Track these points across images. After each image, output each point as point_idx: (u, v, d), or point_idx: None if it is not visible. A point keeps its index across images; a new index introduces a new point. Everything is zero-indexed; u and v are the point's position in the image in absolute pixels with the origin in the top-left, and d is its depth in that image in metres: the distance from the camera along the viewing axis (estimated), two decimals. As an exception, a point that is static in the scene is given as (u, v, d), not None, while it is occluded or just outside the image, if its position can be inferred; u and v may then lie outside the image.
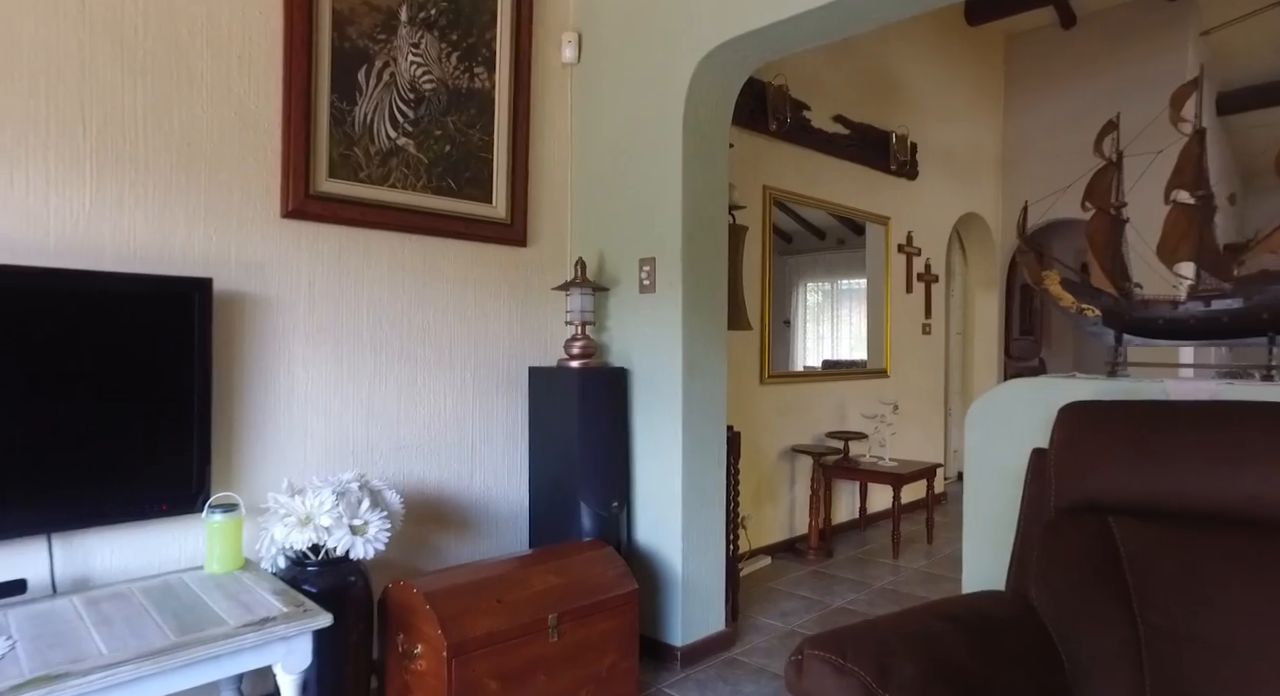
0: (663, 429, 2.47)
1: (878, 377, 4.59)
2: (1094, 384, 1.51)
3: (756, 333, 3.71)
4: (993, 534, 1.61)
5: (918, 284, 4.93)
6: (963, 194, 5.40)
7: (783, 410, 3.89)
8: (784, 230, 4.03)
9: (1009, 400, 1.69)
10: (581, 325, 2.55)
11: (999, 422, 1.62)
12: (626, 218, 2.60)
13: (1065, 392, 1.50)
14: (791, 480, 3.98)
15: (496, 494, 2.57)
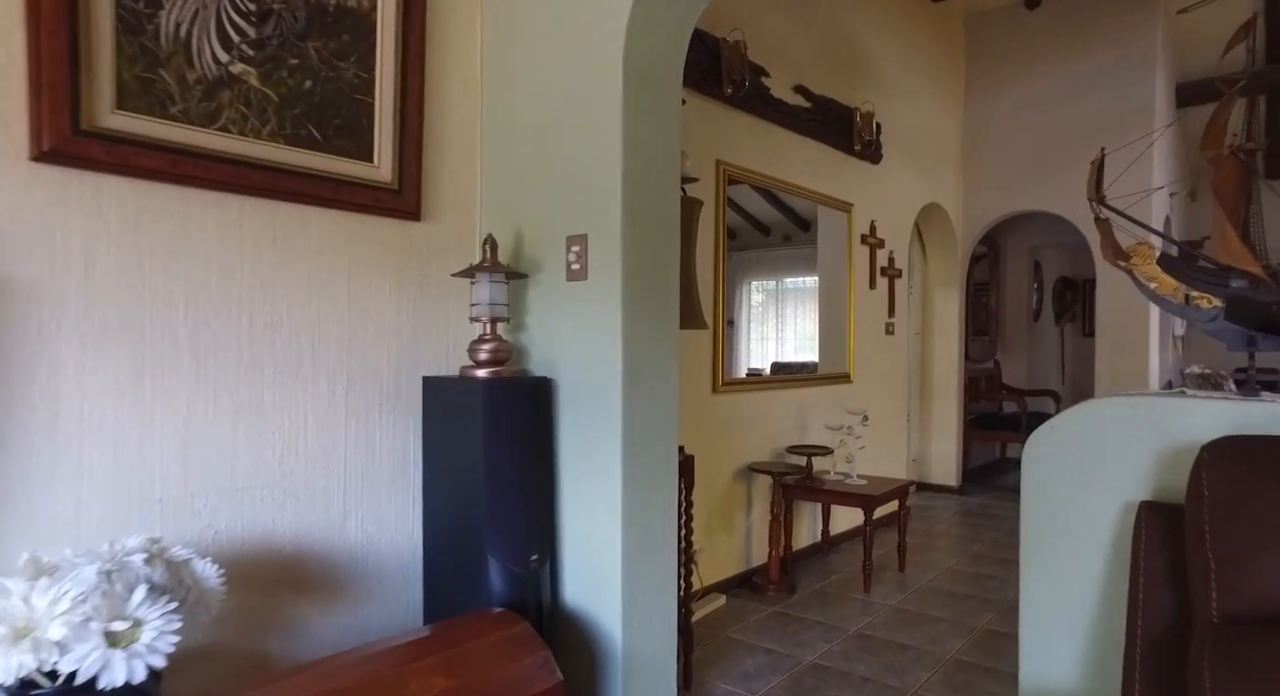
0: (597, 455, 1.95)
1: (840, 383, 4.19)
2: (1226, 406, 1.08)
3: (708, 333, 3.23)
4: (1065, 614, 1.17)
5: (881, 279, 4.56)
6: (925, 182, 5.08)
7: (738, 422, 3.43)
8: (729, 226, 3.62)
9: (1089, 428, 1.22)
10: (491, 322, 2.00)
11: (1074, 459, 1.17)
12: (552, 185, 2.07)
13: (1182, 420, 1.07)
14: (748, 503, 3.52)
15: (380, 545, 2.00)
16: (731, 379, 3.40)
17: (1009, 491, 5.71)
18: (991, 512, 4.99)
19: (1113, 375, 4.96)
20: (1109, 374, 4.98)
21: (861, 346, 4.37)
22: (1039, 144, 5.28)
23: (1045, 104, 5.26)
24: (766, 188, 3.64)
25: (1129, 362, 4.90)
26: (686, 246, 2.33)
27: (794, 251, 4.13)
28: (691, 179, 2.53)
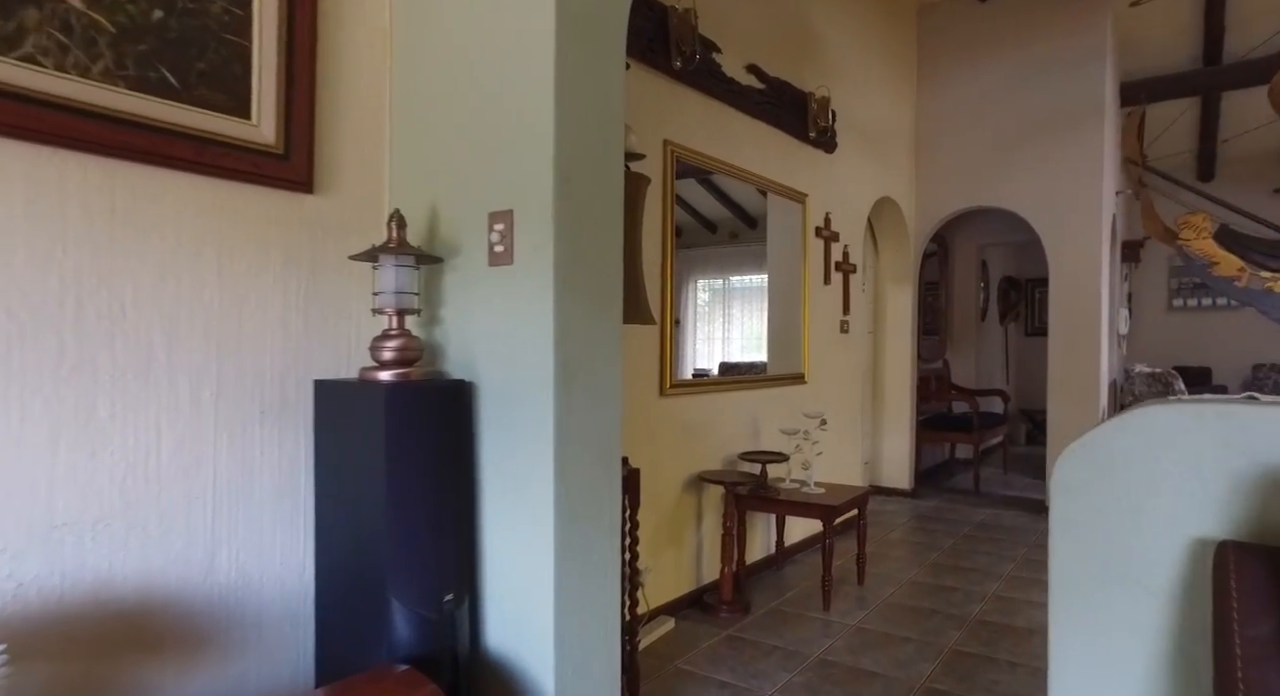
0: (525, 472, 1.66)
1: (794, 384, 3.98)
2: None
3: (655, 329, 2.96)
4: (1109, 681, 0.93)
5: (835, 274, 4.38)
6: (879, 175, 4.94)
7: (688, 428, 3.17)
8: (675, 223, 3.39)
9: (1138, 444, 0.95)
10: (398, 315, 1.68)
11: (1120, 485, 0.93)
12: (474, 152, 1.76)
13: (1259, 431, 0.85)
14: (699, 516, 3.26)
15: (261, 585, 1.65)
16: (680, 380, 3.14)
17: (960, 493, 5.64)
18: (946, 517, 4.88)
19: (1065, 374, 4.91)
20: (1061, 373, 4.93)
21: (816, 345, 4.18)
22: (992, 138, 5.21)
23: (997, 97, 5.19)
24: (718, 172, 3.39)
25: (1080, 361, 4.86)
26: (631, 228, 2.05)
27: (741, 249, 3.95)
28: (637, 155, 2.26)
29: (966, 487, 5.83)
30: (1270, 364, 6.61)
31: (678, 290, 3.46)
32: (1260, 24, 5.33)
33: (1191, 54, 5.72)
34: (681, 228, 3.48)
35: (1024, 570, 3.69)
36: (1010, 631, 2.88)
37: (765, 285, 3.95)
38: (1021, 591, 3.36)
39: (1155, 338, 7.05)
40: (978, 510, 5.07)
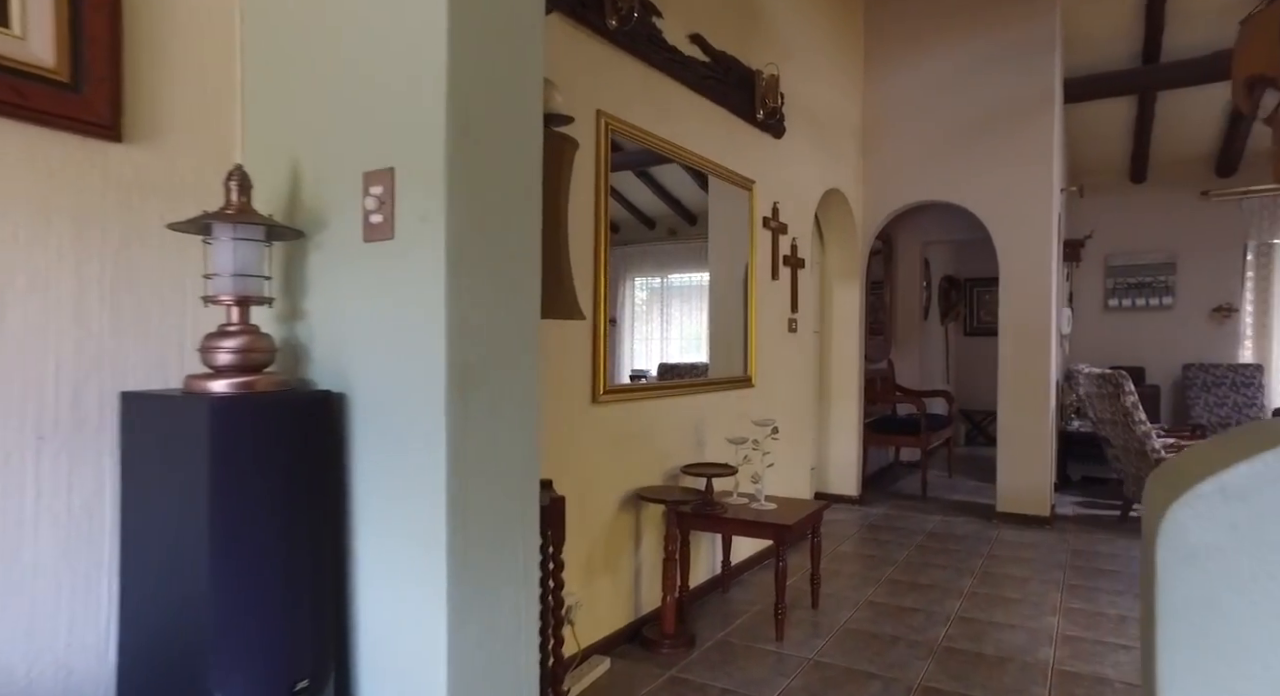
0: (410, 511, 1.27)
1: (740, 387, 3.68)
2: None
3: (586, 326, 2.60)
4: None
5: (783, 269, 4.11)
6: (827, 166, 4.70)
7: (623, 439, 2.82)
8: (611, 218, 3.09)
9: None
10: (238, 305, 1.28)
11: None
12: (347, 92, 1.36)
13: None
14: (636, 538, 2.91)
15: (40, 678, 1.21)
16: (616, 386, 2.78)
17: (908, 499, 5.47)
18: (896, 525, 4.68)
19: (1015, 374, 4.78)
20: (1012, 373, 4.79)
21: (764, 345, 3.89)
22: (941, 130, 5.05)
23: (946, 88, 5.03)
24: (658, 150, 3.05)
25: (1031, 361, 4.73)
26: (553, 201, 1.69)
27: (681, 246, 3.64)
28: (564, 117, 1.89)
29: (914, 492, 5.67)
30: (1199, 363, 6.71)
31: (614, 288, 3.13)
32: (1199, 23, 5.35)
33: (1132, 52, 5.72)
34: (618, 223, 3.17)
35: (983, 585, 3.48)
36: (981, 661, 2.63)
37: (706, 283, 3.63)
38: (984, 611, 3.14)
39: (1092, 337, 7.10)
40: (928, 517, 4.90)
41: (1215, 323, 6.81)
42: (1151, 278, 7.03)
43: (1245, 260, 6.72)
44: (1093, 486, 5.93)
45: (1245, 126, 6.12)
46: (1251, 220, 6.69)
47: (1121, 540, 4.31)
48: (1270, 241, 6.66)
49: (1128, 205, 7.10)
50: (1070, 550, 4.10)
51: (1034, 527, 4.60)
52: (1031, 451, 4.71)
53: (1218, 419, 6.48)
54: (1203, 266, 6.85)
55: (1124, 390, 4.36)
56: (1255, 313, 6.72)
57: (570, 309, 1.74)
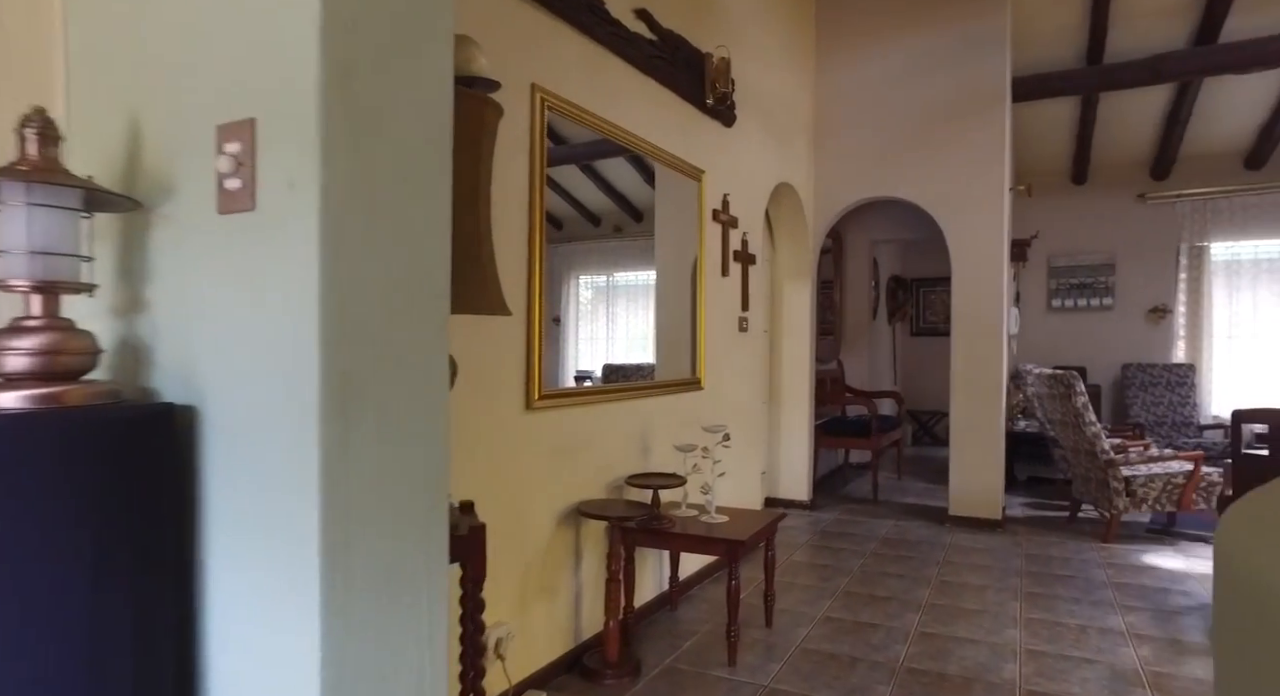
0: (275, 564, 0.99)
1: (688, 390, 3.46)
2: None
3: (519, 325, 2.34)
4: None
5: (734, 265, 3.91)
6: (779, 159, 4.53)
7: (563, 450, 2.56)
8: (554, 214, 2.86)
9: None
10: (39, 292, 0.98)
11: None
12: (195, 29, 1.08)
13: None
14: (577, 557, 2.66)
15: None
16: (553, 390, 2.52)
17: (860, 503, 5.36)
18: (849, 531, 4.54)
19: (967, 374, 4.70)
20: (964, 373, 4.71)
21: (713, 346, 3.68)
22: (893, 125, 4.95)
23: (898, 81, 4.93)
24: (600, 132, 2.81)
25: (983, 360, 4.66)
26: (470, 173, 1.42)
27: (627, 243, 3.42)
28: (490, 82, 1.63)
29: (865, 496, 5.57)
30: (1138, 363, 6.83)
31: (558, 286, 2.90)
32: (1142, 25, 5.39)
33: (1078, 53, 5.74)
34: (562, 220, 2.94)
35: (941, 595, 3.35)
36: (945, 684, 2.47)
37: (652, 281, 3.41)
38: (945, 624, 3.00)
39: (1036, 337, 7.16)
40: (880, 522, 4.78)
41: (1152, 323, 6.94)
42: (1092, 279, 7.13)
43: (1179, 262, 6.86)
44: (1039, 486, 5.94)
45: (1179, 131, 6.23)
46: (1184, 223, 6.84)
47: (1072, 542, 4.27)
48: (1200, 244, 6.81)
49: (1069, 207, 7.18)
50: (1024, 555, 4.02)
51: (986, 531, 4.53)
52: (984, 453, 4.63)
53: (1154, 417, 6.59)
54: (1140, 268, 6.97)
55: (1075, 391, 4.31)
56: (1188, 313, 6.87)
57: (493, 303, 1.48)
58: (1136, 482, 4.22)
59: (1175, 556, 4.01)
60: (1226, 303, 6.75)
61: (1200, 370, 6.76)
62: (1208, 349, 6.78)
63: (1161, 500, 4.23)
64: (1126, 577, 3.63)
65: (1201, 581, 3.58)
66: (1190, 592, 3.41)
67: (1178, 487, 4.21)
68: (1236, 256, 6.74)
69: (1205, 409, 6.73)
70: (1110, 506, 4.25)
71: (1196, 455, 4.22)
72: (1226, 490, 2.98)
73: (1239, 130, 6.35)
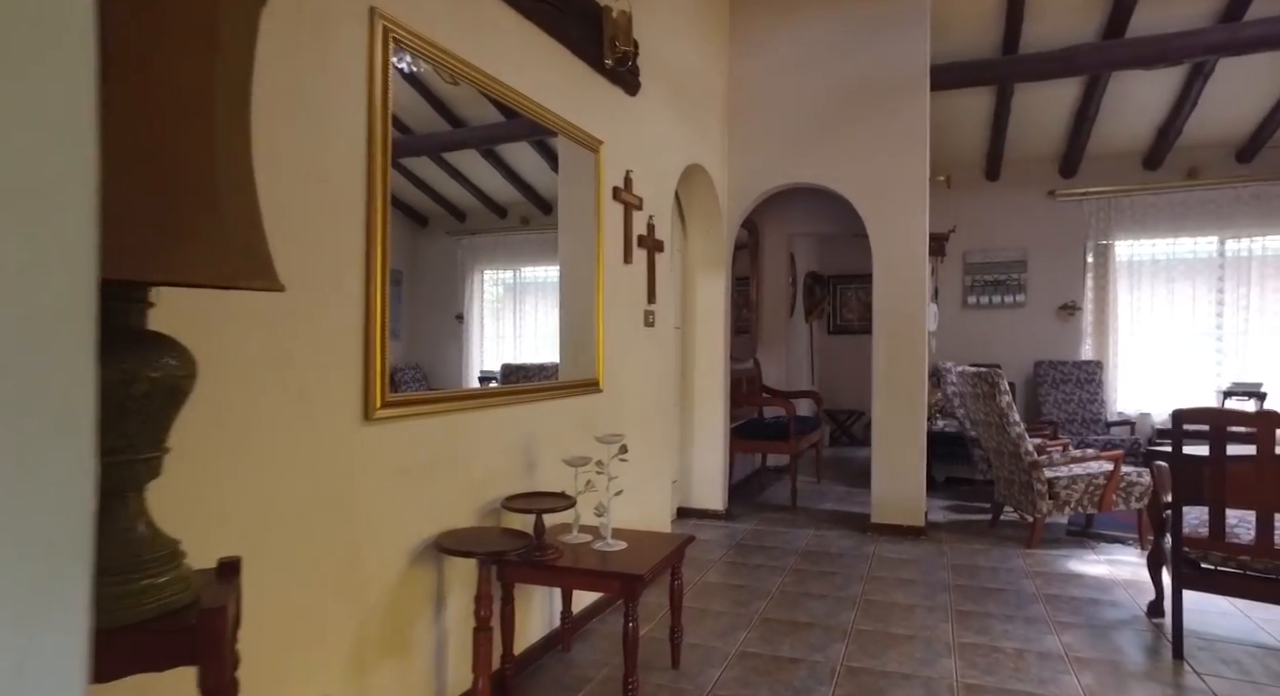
0: None
1: (585, 393, 3.02)
2: None
3: (351, 311, 1.84)
4: None
5: (639, 251, 3.50)
6: (689, 137, 4.16)
7: (416, 469, 2.07)
8: (456, 204, 2.56)
9: None
10: None
11: None
12: None
13: None
14: (438, 601, 2.17)
15: None
16: (404, 395, 2.02)
17: (778, 510, 5.05)
18: (766, 543, 4.21)
19: (889, 372, 4.45)
20: (886, 371, 4.46)
21: (614, 342, 3.26)
22: (811, 109, 4.66)
23: (816, 63, 4.64)
24: (470, 82, 2.33)
25: (905, 358, 4.42)
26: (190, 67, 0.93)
27: (535, 236, 3.05)
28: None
29: (783, 502, 5.28)
30: (1049, 361, 6.85)
31: (462, 281, 2.66)
32: (1056, 14, 5.32)
33: (993, 42, 5.64)
34: (465, 210, 2.65)
35: (868, 618, 3.03)
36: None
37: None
38: (873, 656, 2.67)
39: (952, 334, 7.09)
40: (799, 531, 4.48)
41: (1062, 320, 6.98)
42: (1006, 275, 7.12)
43: (1085, 260, 6.93)
44: (958, 487, 5.81)
45: (1087, 128, 6.25)
46: (1090, 221, 6.91)
47: (997, 550, 4.07)
48: (1105, 242, 6.90)
49: (984, 203, 7.15)
50: (951, 565, 3.78)
51: (910, 539, 4.28)
52: (906, 458, 4.40)
53: (1065, 415, 6.61)
54: (1051, 265, 7.00)
55: (999, 390, 4.12)
56: (1094, 311, 6.94)
57: (251, 269, 0.99)
58: (1059, 484, 4.05)
59: (1098, 561, 3.86)
60: (1129, 300, 6.85)
61: (1107, 367, 6.83)
62: (1113, 346, 6.87)
63: (1084, 502, 4.08)
64: (1055, 588, 3.42)
65: (1128, 589, 3.41)
66: (1119, 602, 3.22)
67: (1099, 488, 4.07)
68: (1138, 255, 6.85)
69: (1112, 405, 6.81)
70: (1034, 510, 4.08)
71: (1116, 454, 4.10)
72: (1165, 495, 2.77)
73: (1139, 130, 6.44)
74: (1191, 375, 6.66)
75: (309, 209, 1.69)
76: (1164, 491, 2.76)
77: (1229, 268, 6.64)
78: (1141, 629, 2.92)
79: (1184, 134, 6.28)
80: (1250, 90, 5.77)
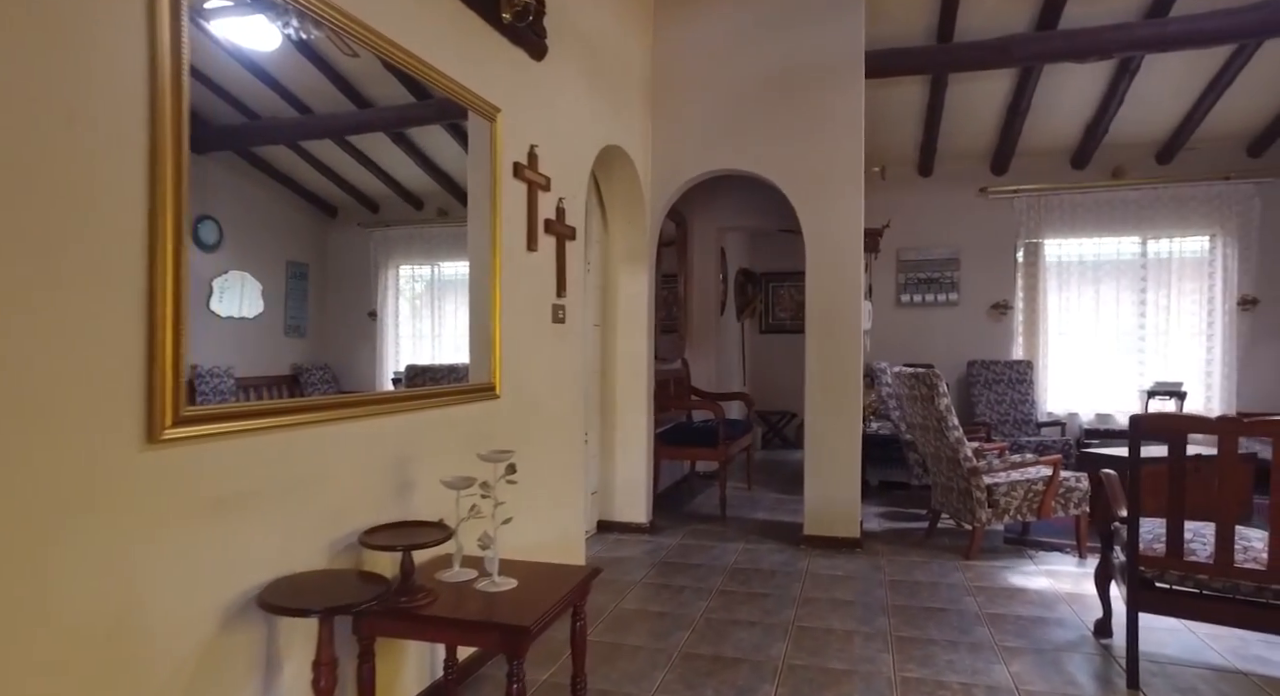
0: None
1: (479, 399, 2.61)
2: None
3: (128, 296, 1.39)
4: None
5: (546, 237, 3.10)
6: (607, 114, 3.78)
7: (236, 501, 1.62)
8: (367, 193, 2.35)
9: None
10: None
11: None
12: None
13: None
14: (266, 672, 1.72)
15: None
16: (210, 410, 1.57)
17: (706, 521, 4.73)
18: (693, 561, 3.88)
19: (824, 373, 4.19)
20: (820, 372, 4.19)
21: (516, 340, 2.85)
22: (742, 91, 4.35)
23: (748, 41, 4.34)
24: (331, 24, 1.89)
25: (840, 358, 4.16)
26: None
27: (455, 230, 2.81)
28: None
29: (712, 511, 4.96)
30: (981, 361, 6.77)
31: (374, 277, 2.45)
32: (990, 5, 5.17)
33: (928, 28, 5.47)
34: (378, 201, 2.41)
35: (801, 650, 2.72)
36: (812, 810, 1.78)
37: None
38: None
39: (886, 333, 6.94)
40: (728, 545, 4.16)
41: (994, 319, 6.92)
42: (939, 273, 7.01)
43: (1016, 258, 6.89)
44: (893, 492, 5.62)
45: (1019, 123, 6.18)
46: (1021, 219, 6.87)
47: (935, 562, 3.84)
48: (1035, 241, 6.87)
49: (917, 199, 7.03)
50: (888, 581, 3.52)
51: (845, 552, 4.02)
52: (841, 465, 4.13)
53: (997, 415, 6.54)
54: (983, 264, 6.93)
55: (938, 392, 3.90)
56: (1025, 310, 6.91)
57: None
58: (998, 491, 3.86)
59: (1038, 573, 3.67)
60: (1058, 300, 6.84)
61: (1037, 367, 6.80)
62: (1043, 346, 6.85)
63: (1023, 509, 3.90)
64: (998, 605, 3.20)
65: (1072, 604, 3.21)
66: (1064, 621, 3.02)
67: (1038, 495, 3.90)
68: (1066, 255, 6.85)
69: (1042, 406, 6.78)
70: (973, 519, 3.87)
71: (1055, 459, 3.94)
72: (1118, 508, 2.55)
73: (1068, 128, 6.41)
74: (1116, 375, 6.69)
75: (46, 157, 1.23)
76: (1116, 503, 2.54)
77: (1151, 269, 6.70)
78: (1091, 653, 2.70)
79: (1110, 133, 6.27)
80: (1170, 90, 5.78)
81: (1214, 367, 6.55)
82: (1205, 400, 6.56)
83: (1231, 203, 6.47)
